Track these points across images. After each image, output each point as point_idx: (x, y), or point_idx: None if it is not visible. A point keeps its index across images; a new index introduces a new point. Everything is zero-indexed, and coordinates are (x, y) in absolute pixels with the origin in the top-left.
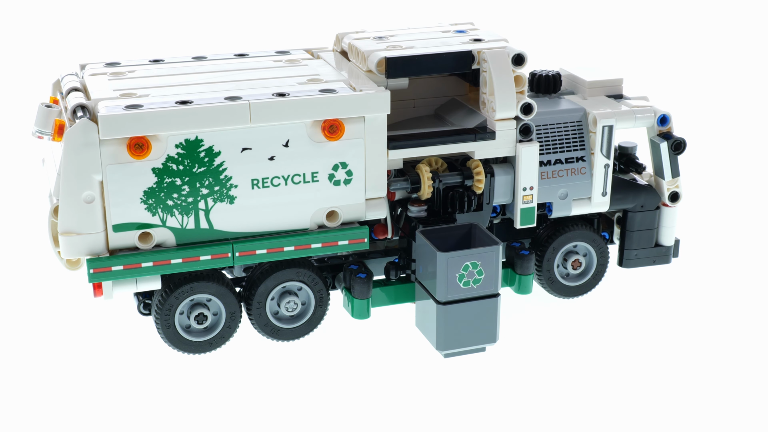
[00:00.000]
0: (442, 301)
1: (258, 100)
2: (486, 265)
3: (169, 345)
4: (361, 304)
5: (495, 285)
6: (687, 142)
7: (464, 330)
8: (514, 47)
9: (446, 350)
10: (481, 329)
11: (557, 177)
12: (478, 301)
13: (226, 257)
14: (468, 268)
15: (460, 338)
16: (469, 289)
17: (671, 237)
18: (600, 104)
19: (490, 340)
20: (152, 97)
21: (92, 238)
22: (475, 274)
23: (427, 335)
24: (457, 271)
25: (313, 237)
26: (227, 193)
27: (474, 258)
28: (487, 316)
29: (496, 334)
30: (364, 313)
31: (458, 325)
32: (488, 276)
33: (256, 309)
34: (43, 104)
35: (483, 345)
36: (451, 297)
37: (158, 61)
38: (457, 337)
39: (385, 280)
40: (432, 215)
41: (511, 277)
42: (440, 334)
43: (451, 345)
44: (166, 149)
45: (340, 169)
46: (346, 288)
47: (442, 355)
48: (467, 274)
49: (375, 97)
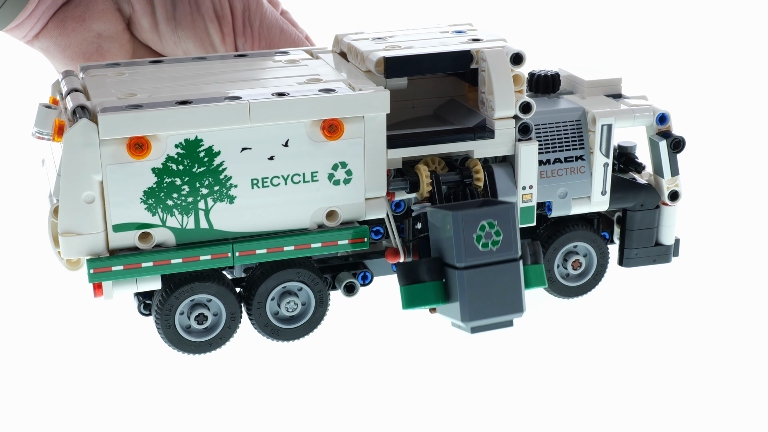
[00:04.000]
0: (462, 266)
1: (257, 100)
2: (503, 224)
3: (169, 345)
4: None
5: (515, 247)
6: (686, 141)
7: (489, 298)
8: (512, 47)
9: (473, 321)
10: (507, 298)
11: (556, 176)
12: (499, 265)
13: (226, 257)
14: (485, 228)
15: (486, 307)
16: (488, 252)
17: (671, 236)
18: (599, 103)
19: (517, 309)
20: (152, 97)
21: (92, 239)
22: (493, 235)
23: (451, 314)
24: (473, 232)
25: (313, 237)
26: (227, 192)
27: (489, 217)
28: (510, 282)
29: (523, 303)
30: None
31: (482, 292)
32: (507, 237)
33: (257, 309)
34: (42, 105)
35: (510, 316)
36: (470, 261)
37: (158, 62)
38: (482, 307)
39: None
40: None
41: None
42: (464, 302)
43: (477, 315)
44: (166, 149)
45: (340, 169)
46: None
47: (469, 329)
48: (485, 234)
49: (374, 96)
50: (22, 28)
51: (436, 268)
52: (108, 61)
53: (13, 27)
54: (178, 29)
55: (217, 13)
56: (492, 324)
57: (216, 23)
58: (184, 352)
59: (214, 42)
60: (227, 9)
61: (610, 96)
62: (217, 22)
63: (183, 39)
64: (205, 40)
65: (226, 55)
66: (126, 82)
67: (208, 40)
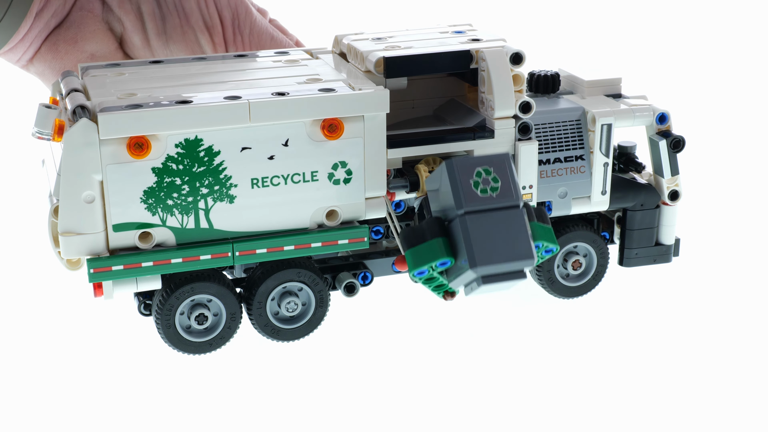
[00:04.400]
0: (462, 212)
1: (257, 100)
2: (499, 172)
3: (169, 345)
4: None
5: (515, 194)
6: (686, 140)
7: (495, 244)
8: (512, 46)
9: (481, 267)
10: (514, 245)
11: (556, 176)
12: (502, 212)
13: (226, 257)
14: (481, 175)
15: (493, 253)
16: (488, 198)
17: (671, 236)
18: (599, 103)
19: (527, 256)
20: (152, 97)
21: (92, 238)
22: (491, 182)
23: (459, 278)
24: (470, 177)
25: (313, 236)
26: (227, 192)
27: (484, 164)
28: (515, 229)
29: (533, 250)
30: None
31: (487, 238)
32: (505, 184)
33: (257, 309)
34: (42, 105)
35: (520, 263)
36: (471, 206)
37: (158, 62)
38: (489, 252)
39: None
40: None
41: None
42: (469, 248)
43: (484, 259)
44: (166, 149)
45: (340, 168)
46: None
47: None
48: (482, 180)
49: (374, 95)
50: (15, 52)
51: (438, 227)
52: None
53: (7, 51)
54: (169, 43)
55: (207, 24)
56: (503, 274)
57: (206, 34)
58: (184, 352)
59: (206, 53)
60: (216, 19)
61: (609, 96)
62: (207, 33)
63: (175, 52)
64: (197, 51)
65: (225, 55)
66: (126, 82)
67: (200, 51)
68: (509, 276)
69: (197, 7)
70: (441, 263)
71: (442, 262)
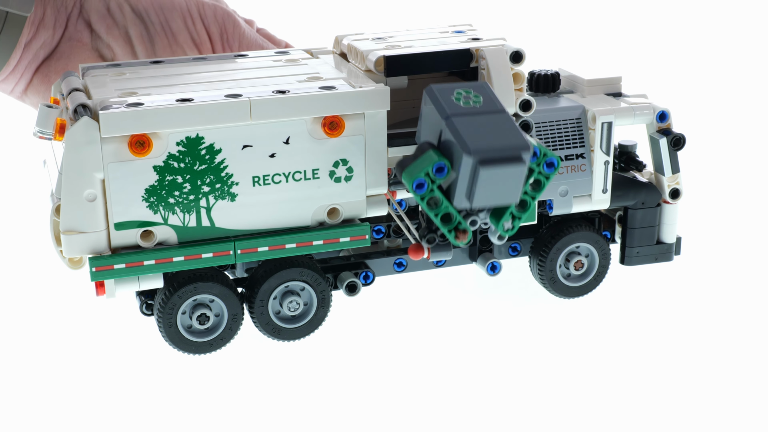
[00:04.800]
0: (448, 116)
1: (258, 97)
2: (480, 91)
3: (169, 344)
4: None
5: (498, 104)
6: (686, 138)
7: (488, 135)
8: (511, 45)
9: (476, 150)
10: (506, 135)
11: (557, 174)
12: (488, 114)
13: (228, 255)
14: (461, 94)
15: (487, 140)
16: (472, 108)
17: (673, 234)
18: (599, 101)
19: (522, 143)
20: (153, 95)
21: (94, 237)
22: (472, 98)
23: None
24: (451, 95)
25: (315, 234)
26: (228, 190)
27: (462, 87)
28: (505, 126)
29: (527, 139)
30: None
31: (478, 131)
32: (487, 98)
33: (259, 307)
34: (44, 105)
35: (517, 150)
36: (455, 111)
37: (159, 62)
38: (483, 140)
39: None
40: None
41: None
42: (460, 139)
43: (478, 143)
44: (167, 147)
45: (341, 166)
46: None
47: (477, 163)
48: (463, 97)
49: (375, 93)
50: (8, 83)
51: (429, 145)
52: (109, 62)
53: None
54: None
55: (195, 41)
56: (500, 159)
57: (196, 51)
58: (185, 352)
59: None
60: (204, 35)
61: (609, 95)
62: (197, 50)
63: None
64: None
65: (226, 55)
66: (127, 82)
67: None
68: (507, 160)
69: (184, 25)
70: (436, 167)
71: (437, 167)
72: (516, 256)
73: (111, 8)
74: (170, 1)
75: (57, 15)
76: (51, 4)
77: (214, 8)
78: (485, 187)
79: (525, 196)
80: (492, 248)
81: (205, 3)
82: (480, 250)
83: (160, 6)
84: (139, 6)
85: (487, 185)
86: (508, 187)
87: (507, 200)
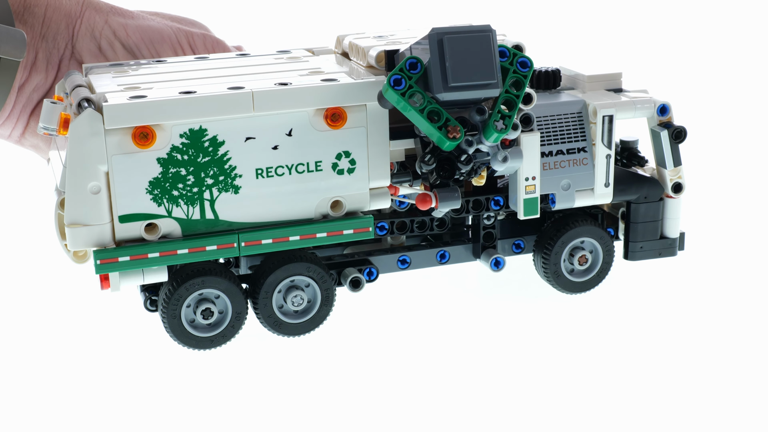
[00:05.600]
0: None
1: (260, 89)
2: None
3: (171, 336)
4: None
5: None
6: (687, 131)
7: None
8: (511, 38)
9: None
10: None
11: (559, 168)
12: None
13: (232, 247)
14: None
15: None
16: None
17: (676, 229)
18: (600, 96)
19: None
20: (156, 90)
21: (98, 230)
22: None
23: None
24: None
25: (318, 226)
26: (232, 182)
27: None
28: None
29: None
30: None
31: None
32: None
33: (263, 299)
34: (48, 101)
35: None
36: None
37: (161, 61)
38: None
39: None
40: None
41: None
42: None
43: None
44: (171, 139)
45: (344, 158)
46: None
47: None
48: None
49: (376, 84)
50: (4, 128)
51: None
52: (112, 62)
53: None
54: None
55: None
56: (460, 29)
57: None
58: (185, 346)
59: None
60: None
61: (610, 90)
62: None
63: None
64: None
65: (228, 54)
66: (130, 77)
67: None
68: (469, 32)
69: (174, 55)
70: (410, 63)
71: (410, 63)
72: (519, 253)
73: (102, 47)
74: (159, 34)
75: (49, 57)
76: (43, 47)
77: (203, 37)
78: (455, 60)
79: (508, 96)
80: (495, 245)
81: (194, 33)
82: (483, 247)
83: (150, 40)
84: (130, 42)
85: (456, 58)
86: (481, 62)
87: (485, 80)
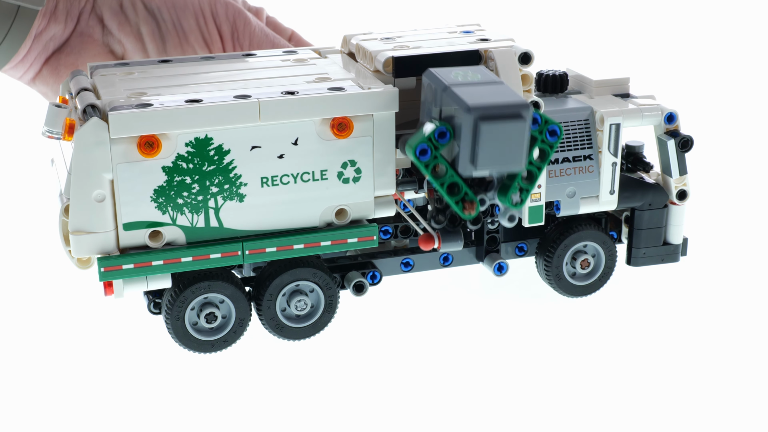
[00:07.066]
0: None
1: (267, 99)
2: (478, 71)
3: (173, 338)
4: None
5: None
6: (694, 140)
7: (486, 96)
8: (520, 46)
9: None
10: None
11: (565, 175)
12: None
13: (236, 255)
14: (459, 73)
15: (486, 100)
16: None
17: (679, 235)
18: (607, 103)
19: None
20: (162, 96)
21: (103, 237)
22: (470, 74)
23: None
24: (449, 73)
25: (323, 235)
26: (237, 191)
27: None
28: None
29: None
30: None
31: (477, 93)
32: (485, 74)
33: (267, 301)
34: (53, 104)
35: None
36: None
37: (167, 61)
38: (482, 99)
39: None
40: None
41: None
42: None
43: (480, 102)
44: (176, 148)
45: (349, 167)
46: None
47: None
48: (461, 74)
49: (383, 94)
50: (17, 70)
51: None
52: (117, 61)
53: (9, 68)
54: None
55: (206, 40)
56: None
57: (206, 50)
58: (187, 348)
59: None
60: (215, 34)
61: (617, 95)
62: (207, 49)
63: None
64: None
65: (234, 54)
66: (135, 81)
67: None
68: (507, 116)
69: (196, 25)
70: (438, 132)
71: (439, 132)
72: (523, 257)
73: (124, 5)
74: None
75: (69, 9)
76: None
77: (226, 6)
78: (487, 147)
79: (531, 167)
80: (499, 249)
81: (217, 0)
82: (487, 251)
83: (173, 4)
84: (152, 4)
85: (489, 145)
86: (511, 149)
87: (512, 165)
